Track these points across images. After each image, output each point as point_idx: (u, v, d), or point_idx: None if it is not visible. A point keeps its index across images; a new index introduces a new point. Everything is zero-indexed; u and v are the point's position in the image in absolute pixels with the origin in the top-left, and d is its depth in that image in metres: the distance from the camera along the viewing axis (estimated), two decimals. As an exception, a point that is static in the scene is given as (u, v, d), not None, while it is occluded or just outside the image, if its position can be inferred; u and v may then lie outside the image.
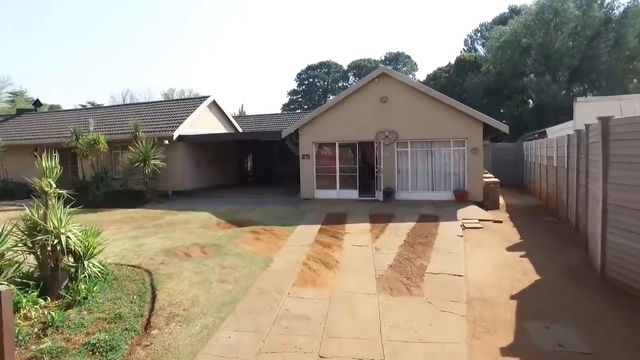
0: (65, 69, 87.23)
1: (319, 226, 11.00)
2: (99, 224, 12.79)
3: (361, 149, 15.89)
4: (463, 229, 10.58)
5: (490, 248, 8.82)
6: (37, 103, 25.36)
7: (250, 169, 28.38)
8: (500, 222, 11.56)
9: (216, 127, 20.35)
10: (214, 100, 20.13)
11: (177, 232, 10.58)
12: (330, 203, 14.70)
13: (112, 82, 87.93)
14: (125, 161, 15.98)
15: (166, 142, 17.17)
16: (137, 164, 15.43)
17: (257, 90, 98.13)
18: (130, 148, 15.86)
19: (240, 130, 22.78)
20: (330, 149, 15.93)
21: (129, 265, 7.60)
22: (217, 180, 20.26)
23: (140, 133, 16.34)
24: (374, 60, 67.16)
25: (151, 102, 21.71)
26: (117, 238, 10.04)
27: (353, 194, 15.54)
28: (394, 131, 14.75)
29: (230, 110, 22.16)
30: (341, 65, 71.03)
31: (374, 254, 8.22)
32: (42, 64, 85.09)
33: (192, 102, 19.76)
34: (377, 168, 15.28)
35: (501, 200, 14.81)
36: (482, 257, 8.07)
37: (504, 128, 13.66)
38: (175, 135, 17.08)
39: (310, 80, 71.13)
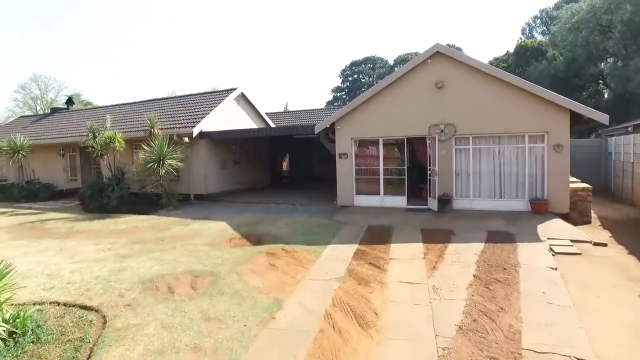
0: (120, 71, 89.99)
1: (355, 246, 8.46)
2: (97, 236, 11.07)
3: (410, 146, 13.13)
4: (553, 255, 7.65)
5: (609, 292, 5.89)
6: (69, 101, 24.62)
7: (286, 170, 26.27)
8: (604, 244, 8.48)
9: (245, 124, 18.31)
10: (242, 93, 18.09)
11: (176, 250, 8.42)
12: (372, 212, 12.10)
13: (160, 84, 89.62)
14: (140, 161, 14.22)
15: (186, 139, 15.27)
16: (151, 164, 13.59)
17: (301, 89, 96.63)
18: (144, 147, 14.06)
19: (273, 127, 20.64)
20: (372, 146, 13.30)
21: (83, 307, 5.45)
22: (246, 182, 18.20)
23: (156, 129, 14.53)
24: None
25: (173, 97, 20.05)
26: (100, 258, 8.02)
27: (400, 201, 12.82)
28: (451, 124, 11.90)
29: (270, 108, 19.99)
30: (387, 60, 67.76)
31: (432, 300, 5.57)
32: (98, 67, 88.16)
33: (217, 96, 17.83)
34: (430, 170, 12.48)
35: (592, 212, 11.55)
36: (606, 314, 5.20)
37: (602, 118, 10.42)
38: (196, 131, 15.14)
39: (355, 76, 68.37)
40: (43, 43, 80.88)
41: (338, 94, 68.87)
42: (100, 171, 17.49)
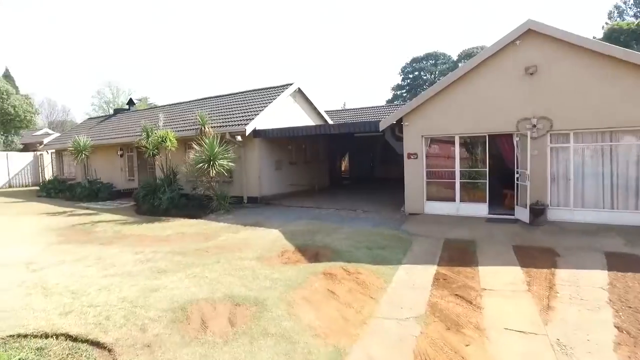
0: (184, 72, 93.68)
1: (433, 269, 6.81)
2: (140, 242, 10.27)
3: (493, 144, 11.14)
4: None
5: None
6: (130, 102, 24.99)
7: (345, 171, 24.79)
8: None
9: (302, 122, 17.09)
10: (298, 89, 16.88)
11: (219, 266, 7.24)
12: (447, 222, 10.33)
13: (221, 84, 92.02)
14: (190, 162, 13.44)
15: (239, 138, 14.30)
16: (201, 164, 12.71)
17: (359, 88, 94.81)
18: (195, 146, 13.24)
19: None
20: (446, 145, 11.49)
21: (94, 344, 4.35)
22: (303, 184, 16.95)
23: (207, 128, 13.67)
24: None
25: (226, 95, 19.28)
26: (135, 272, 7.03)
27: (480, 209, 10.89)
28: (546, 118, 9.81)
29: (327, 107, 18.66)
30: (449, 56, 64.16)
31: (564, 367, 3.81)
32: (163, 72, 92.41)
33: (272, 92, 16.75)
34: (518, 172, 10.43)
35: None
36: None
37: None
38: (249, 129, 14.11)
39: (416, 73, 65.49)
40: (115, 50, 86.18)
41: (398, 92, 66.34)
42: (154, 172, 17.09)
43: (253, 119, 14.42)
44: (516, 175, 10.46)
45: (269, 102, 15.51)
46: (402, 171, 11.94)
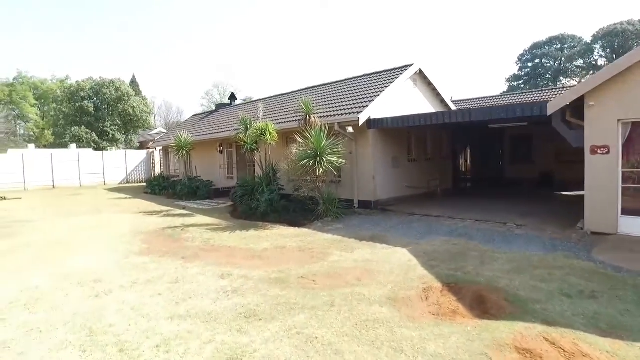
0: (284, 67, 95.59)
1: None
2: (229, 258, 8.12)
3: None
4: None
5: None
6: (232, 97, 24.14)
7: (466, 170, 20.97)
8: None
9: (423, 110, 13.98)
10: (419, 70, 13.80)
11: (335, 314, 4.71)
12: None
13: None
14: (293, 157, 11.25)
15: (350, 129, 11.75)
16: (307, 160, 10.39)
17: (469, 81, 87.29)
18: (299, 139, 10.99)
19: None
20: (665, 132, 7.61)
21: None
22: (422, 186, 13.86)
23: (313, 117, 11.33)
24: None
25: (334, 82, 16.83)
26: (214, 313, 4.82)
27: None
28: None
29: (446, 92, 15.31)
30: (581, 38, 54.87)
31: None
32: (267, 70, 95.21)
33: (387, 75, 13.90)
34: None
35: None
36: None
37: None
38: (363, 118, 11.48)
39: (536, 61, 57.52)
40: (223, 52, 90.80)
41: (515, 83, 58.86)
42: (252, 169, 15.42)
43: (367, 105, 11.76)
44: None
45: (385, 87, 12.71)
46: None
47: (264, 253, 7.78)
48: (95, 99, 35.32)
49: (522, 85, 57.47)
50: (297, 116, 13.28)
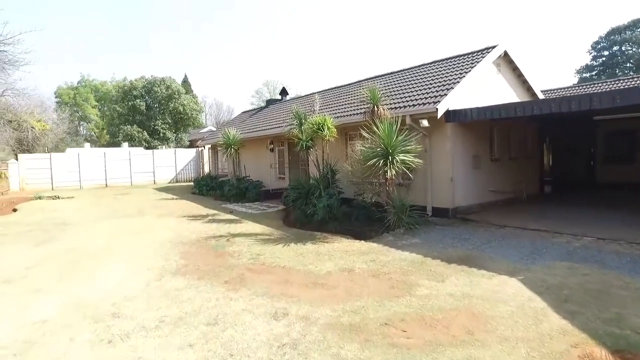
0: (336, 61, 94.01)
1: None
2: (284, 286, 6.00)
3: None
4: None
5: None
6: (283, 92, 22.74)
7: (549, 171, 18.17)
8: None
9: (507, 99, 11.73)
10: (504, 53, 11.53)
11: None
12: None
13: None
14: (356, 156, 9.49)
15: (424, 123, 9.80)
16: (375, 160, 8.57)
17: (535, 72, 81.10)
18: (365, 134, 9.20)
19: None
20: None
21: None
22: (506, 190, 11.61)
23: (381, 108, 9.49)
24: None
25: (402, 70, 14.70)
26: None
27: None
28: None
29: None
30: (674, 18, 48.59)
31: None
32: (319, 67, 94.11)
33: (466, 60, 11.70)
34: None
35: None
36: None
37: None
38: (441, 109, 9.52)
39: (614, 48, 51.71)
40: (273, 50, 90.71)
41: (587, 74, 53.45)
42: (307, 169, 13.83)
43: (446, 94, 9.77)
44: None
45: (465, 73, 10.62)
46: None
47: (328, 279, 6.08)
48: (146, 97, 35.46)
49: (596, 77, 52.07)
50: (360, 108, 11.51)
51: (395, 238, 8.45)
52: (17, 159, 24.79)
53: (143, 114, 34.94)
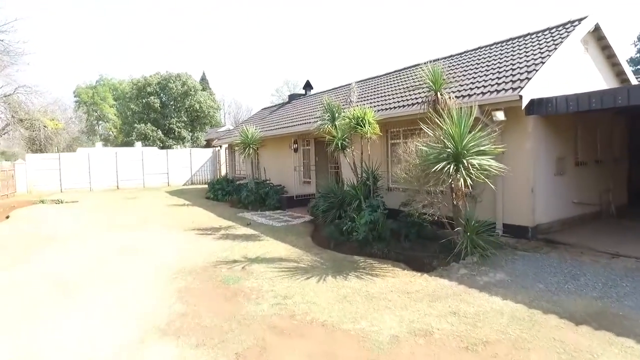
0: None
1: None
2: None
3: None
4: None
5: None
6: (307, 86, 20.55)
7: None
8: None
9: (594, 85, 9.29)
10: (595, 27, 9.09)
11: None
12: None
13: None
14: (410, 158, 7.23)
15: (499, 115, 7.50)
16: (443, 164, 6.28)
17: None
18: (428, 130, 6.94)
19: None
20: None
21: None
22: (592, 202, 9.15)
23: (444, 95, 7.22)
24: None
25: (463, 52, 11.97)
26: None
27: None
28: None
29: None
30: None
31: None
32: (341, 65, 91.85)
33: (545, 38, 9.21)
34: None
35: None
36: None
37: None
38: (526, 97, 7.20)
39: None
40: (292, 50, 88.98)
41: (633, 68, 49.55)
42: (338, 172, 11.68)
43: (529, 78, 7.45)
44: None
45: (549, 52, 8.24)
46: None
47: (396, 354, 3.88)
48: (161, 94, 33.86)
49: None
50: (411, 98, 9.28)
51: (469, 270, 6.20)
52: (24, 159, 23.38)
53: (157, 111, 33.33)
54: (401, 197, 8.90)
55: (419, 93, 9.16)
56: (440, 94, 7.18)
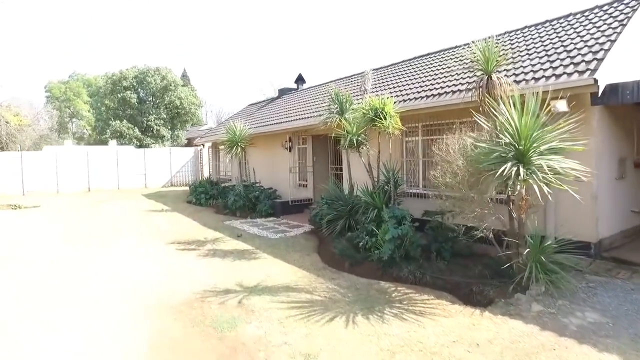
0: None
1: None
2: None
3: None
4: None
5: None
6: (299, 79, 18.83)
7: None
8: None
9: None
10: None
11: None
12: None
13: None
14: (455, 157, 5.67)
15: (560, 105, 5.99)
16: (508, 166, 4.73)
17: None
18: (483, 122, 5.38)
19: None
20: None
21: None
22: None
23: (501, 79, 5.68)
24: None
25: (510, 32, 9.78)
26: None
27: None
28: None
29: None
30: None
31: None
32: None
33: (607, 13, 7.70)
34: None
35: None
36: None
37: None
38: (602, 82, 5.72)
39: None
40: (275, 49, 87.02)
41: None
42: (343, 174, 10.09)
43: (602, 58, 5.98)
44: None
45: (622, 25, 6.80)
46: None
47: None
48: (139, 89, 31.60)
49: None
50: (446, 85, 7.73)
51: (544, 307, 4.66)
52: (-21, 158, 20.97)
53: (134, 107, 31.04)
54: (423, 204, 7.41)
55: (455, 79, 7.59)
56: (491, 77, 5.63)
